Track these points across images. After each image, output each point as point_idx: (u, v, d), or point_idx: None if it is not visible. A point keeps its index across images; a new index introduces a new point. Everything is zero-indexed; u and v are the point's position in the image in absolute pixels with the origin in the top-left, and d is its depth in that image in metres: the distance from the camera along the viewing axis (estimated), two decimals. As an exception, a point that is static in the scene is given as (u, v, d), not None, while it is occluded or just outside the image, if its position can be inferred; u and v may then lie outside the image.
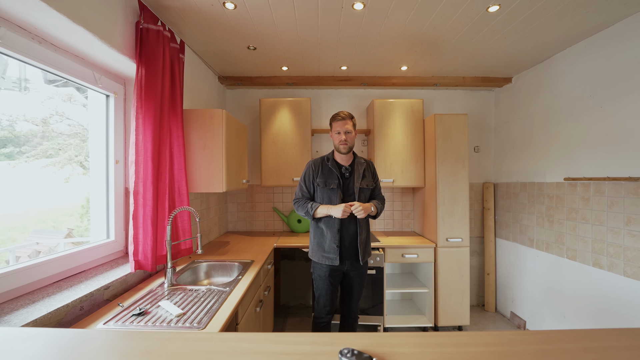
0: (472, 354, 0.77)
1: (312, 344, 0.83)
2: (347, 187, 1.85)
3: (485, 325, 2.76)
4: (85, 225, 1.88)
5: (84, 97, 1.73)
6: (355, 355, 0.73)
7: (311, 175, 1.89)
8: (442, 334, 0.88)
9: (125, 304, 1.31)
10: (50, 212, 1.77)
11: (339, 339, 0.85)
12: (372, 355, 0.76)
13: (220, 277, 1.92)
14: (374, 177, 1.94)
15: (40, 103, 1.55)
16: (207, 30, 1.98)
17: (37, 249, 1.70)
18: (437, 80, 2.90)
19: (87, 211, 1.88)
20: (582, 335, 0.85)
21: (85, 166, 1.83)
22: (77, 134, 1.78)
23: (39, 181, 1.62)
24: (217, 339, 0.88)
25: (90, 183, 1.69)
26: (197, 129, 1.99)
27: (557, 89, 2.34)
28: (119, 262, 1.63)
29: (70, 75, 1.40)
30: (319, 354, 0.77)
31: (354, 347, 0.78)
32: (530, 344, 0.81)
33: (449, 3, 1.68)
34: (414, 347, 0.81)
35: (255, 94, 3.12)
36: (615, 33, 1.88)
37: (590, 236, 2.03)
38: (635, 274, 1.75)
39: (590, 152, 2.04)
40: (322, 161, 1.92)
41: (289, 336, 0.88)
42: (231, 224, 3.15)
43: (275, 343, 0.84)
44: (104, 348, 0.83)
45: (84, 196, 1.85)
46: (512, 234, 2.84)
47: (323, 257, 1.85)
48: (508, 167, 2.92)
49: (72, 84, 1.64)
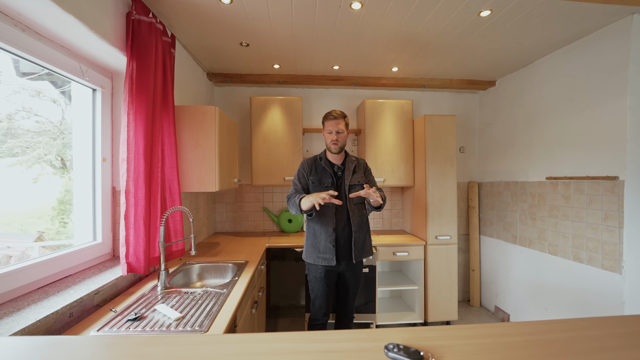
0: (509, 343, 0.81)
1: (351, 340, 0.84)
2: (340, 185, 1.84)
3: (471, 320, 2.86)
4: (57, 228, 1.76)
5: (60, 92, 1.62)
6: (402, 349, 0.73)
7: (306, 172, 1.87)
8: (476, 326, 0.92)
9: (118, 309, 1.24)
10: (17, 215, 1.65)
11: (376, 334, 0.86)
12: (418, 350, 0.77)
13: (213, 279, 1.87)
14: (365, 173, 1.92)
15: (6, 98, 1.43)
16: (200, 25, 1.92)
17: (7, 254, 1.58)
18: (426, 82, 2.97)
19: (58, 213, 1.77)
20: (605, 323, 0.93)
21: (55, 165, 1.72)
22: (47, 131, 1.67)
23: (4, 181, 1.50)
24: (252, 340, 0.86)
25: (74, 182, 1.59)
26: (189, 127, 1.92)
27: (539, 92, 2.46)
28: (107, 265, 1.55)
29: (55, 67, 1.31)
30: (363, 350, 0.78)
31: (394, 342, 0.79)
32: (559, 332, 0.87)
33: (444, 6, 1.72)
34: (453, 339, 0.83)
35: (245, 92, 3.06)
36: (593, 41, 2.01)
37: (570, 232, 2.15)
38: (612, 267, 1.88)
39: (571, 153, 2.16)
40: (314, 160, 1.91)
41: (327, 334, 0.88)
42: (219, 224, 3.07)
43: (314, 342, 0.84)
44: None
45: (55, 197, 1.74)
46: (496, 231, 2.96)
47: (319, 258, 1.82)
48: (492, 167, 3.04)
49: (47, 78, 1.53)
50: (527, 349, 0.79)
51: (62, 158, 1.75)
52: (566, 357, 0.75)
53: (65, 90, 1.66)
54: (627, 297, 1.81)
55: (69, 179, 1.72)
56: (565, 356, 0.75)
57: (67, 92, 1.65)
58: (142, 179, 1.47)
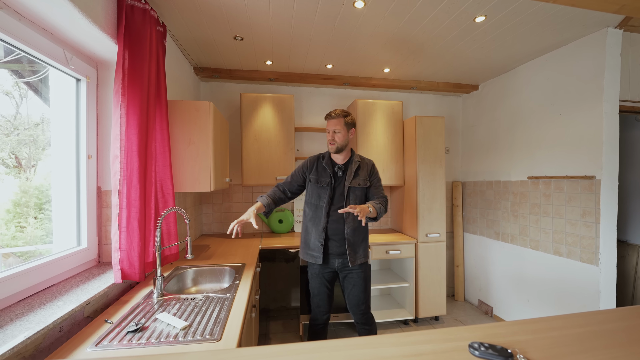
0: (580, 334, 0.86)
1: (429, 342, 0.83)
2: (338, 186, 1.80)
3: (457, 314, 2.97)
4: (13, 233, 1.59)
5: (18, 82, 1.44)
6: (489, 348, 0.73)
7: (306, 168, 1.86)
8: (547, 319, 0.95)
9: (114, 320, 1.14)
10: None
11: (449, 333, 0.87)
12: (505, 347, 0.77)
13: (209, 284, 1.78)
14: (370, 175, 1.84)
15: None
16: (194, 15, 1.81)
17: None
18: (415, 84, 3.04)
19: (14, 217, 1.59)
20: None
21: (9, 164, 1.54)
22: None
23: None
24: (321, 348, 0.81)
25: (53, 182, 1.43)
26: (182, 122, 1.81)
27: (521, 97, 2.61)
28: (94, 272, 1.41)
29: (36, 51, 1.17)
30: (447, 351, 0.77)
31: (476, 341, 0.79)
32: (617, 321, 0.93)
33: (443, 10, 1.77)
34: (531, 333, 0.86)
35: (233, 88, 2.96)
36: (572, 50, 2.16)
37: (551, 228, 2.30)
38: (590, 259, 2.03)
39: (551, 154, 2.31)
40: (317, 158, 1.89)
41: (402, 337, 0.87)
42: (206, 226, 2.94)
43: (392, 345, 0.82)
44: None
45: (9, 199, 1.56)
46: (479, 228, 3.10)
47: (307, 254, 1.83)
48: (475, 167, 3.18)
49: (4, 65, 1.36)
50: (601, 339, 0.83)
51: (16, 156, 1.58)
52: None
53: (30, 80, 1.49)
54: (602, 287, 1.97)
55: (26, 179, 1.55)
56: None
57: (33, 84, 1.48)
58: (136, 178, 1.36)
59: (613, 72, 1.95)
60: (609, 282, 1.97)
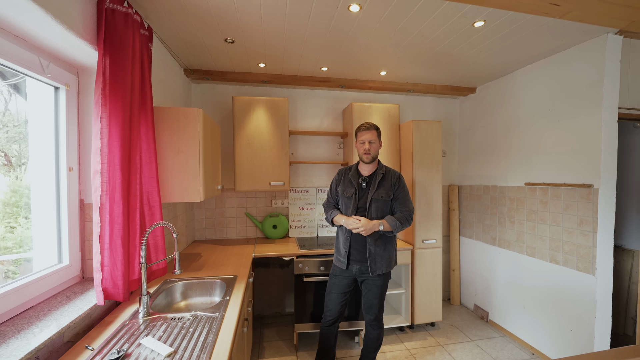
0: None
1: None
2: (362, 197, 1.86)
3: (453, 319, 2.96)
4: (2, 234, 1.51)
5: (5, 84, 1.36)
6: None
7: (335, 183, 2.00)
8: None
9: (96, 346, 1.08)
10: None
11: None
12: None
13: (199, 297, 1.72)
14: (394, 187, 1.86)
15: None
16: (182, 17, 1.73)
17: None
18: (411, 86, 2.98)
19: (3, 217, 1.51)
20: None
21: None
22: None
23: None
24: None
25: (33, 195, 1.36)
26: (169, 130, 1.74)
27: (518, 101, 2.57)
28: (76, 290, 1.35)
29: (8, 61, 1.09)
30: None
31: None
32: None
33: (441, 15, 1.71)
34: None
35: (226, 90, 2.87)
36: (571, 56, 2.12)
37: (547, 235, 2.28)
38: (586, 268, 2.01)
39: (549, 160, 2.28)
40: (345, 171, 1.98)
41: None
42: (198, 232, 2.87)
43: None
44: None
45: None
46: (475, 232, 3.08)
47: (337, 258, 1.96)
48: (472, 171, 3.15)
49: None
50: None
51: (5, 153, 1.51)
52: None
53: (15, 82, 1.41)
54: (599, 296, 1.95)
55: (15, 178, 1.47)
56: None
57: (18, 85, 1.40)
58: (118, 193, 1.29)
59: (613, 79, 1.91)
60: (605, 292, 1.95)
